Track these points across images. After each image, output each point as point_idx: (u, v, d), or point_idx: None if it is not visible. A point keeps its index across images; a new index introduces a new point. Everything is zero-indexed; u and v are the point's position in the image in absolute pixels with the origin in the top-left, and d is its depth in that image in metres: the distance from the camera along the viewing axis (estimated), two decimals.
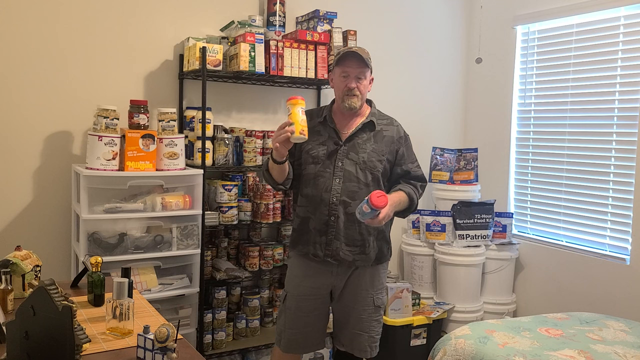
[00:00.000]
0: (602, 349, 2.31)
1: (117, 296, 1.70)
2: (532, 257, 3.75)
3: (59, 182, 2.93)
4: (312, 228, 2.33)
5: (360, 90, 2.31)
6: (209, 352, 3.01)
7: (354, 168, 2.31)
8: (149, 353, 1.49)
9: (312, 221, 2.33)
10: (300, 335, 2.40)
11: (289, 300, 2.41)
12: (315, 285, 2.37)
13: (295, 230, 2.42)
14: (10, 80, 2.80)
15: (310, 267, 2.37)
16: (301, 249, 2.37)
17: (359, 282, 2.38)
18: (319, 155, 2.33)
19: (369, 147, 2.34)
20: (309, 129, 2.19)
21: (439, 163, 3.88)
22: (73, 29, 2.92)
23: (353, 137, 2.35)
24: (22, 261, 1.97)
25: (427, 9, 4.03)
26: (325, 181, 2.31)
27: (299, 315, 2.39)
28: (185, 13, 3.18)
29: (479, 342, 2.40)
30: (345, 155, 2.32)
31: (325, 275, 2.36)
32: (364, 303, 2.39)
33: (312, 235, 2.33)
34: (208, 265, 3.05)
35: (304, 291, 2.38)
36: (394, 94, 3.94)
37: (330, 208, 2.30)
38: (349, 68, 2.29)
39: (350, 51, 2.30)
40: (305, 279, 2.38)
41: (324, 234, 2.31)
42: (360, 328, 2.40)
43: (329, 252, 2.31)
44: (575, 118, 3.51)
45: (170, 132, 2.81)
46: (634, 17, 3.18)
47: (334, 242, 2.31)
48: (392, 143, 2.39)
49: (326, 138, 2.36)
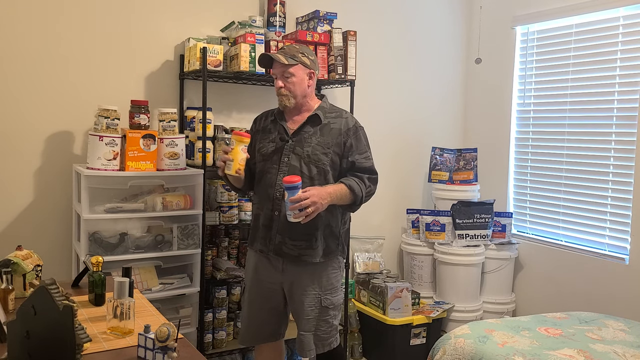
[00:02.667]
0: (602, 348, 2.31)
1: (117, 296, 1.70)
2: (531, 257, 3.76)
3: (59, 182, 2.94)
4: (261, 224, 2.36)
5: (289, 89, 2.31)
6: (209, 351, 3.02)
7: (298, 162, 2.30)
8: (150, 352, 1.50)
9: (261, 217, 2.36)
10: (252, 328, 2.46)
11: (246, 293, 2.50)
12: (264, 279, 2.40)
13: (250, 227, 2.47)
14: (11, 80, 2.81)
15: (262, 262, 2.40)
16: (255, 246, 2.40)
17: (306, 281, 2.35)
18: (267, 151, 2.36)
19: (314, 140, 2.32)
20: (262, 129, 2.38)
21: (438, 163, 3.89)
22: (74, 29, 2.92)
23: (299, 131, 2.34)
24: (23, 261, 1.98)
25: (427, 9, 4.04)
26: (271, 177, 2.32)
27: (252, 309, 2.45)
28: (186, 13, 3.19)
29: (478, 342, 2.40)
30: (291, 150, 2.33)
31: (273, 272, 2.38)
32: (311, 303, 2.34)
33: (260, 231, 2.37)
34: (208, 264, 3.06)
35: (256, 285, 2.43)
36: (394, 94, 3.95)
37: (274, 203, 2.30)
38: (273, 70, 2.35)
39: (261, 55, 2.36)
40: (256, 274, 2.43)
41: (270, 229, 2.33)
42: (308, 328, 2.35)
43: (272, 246, 2.33)
44: (575, 118, 3.51)
45: (171, 132, 2.82)
46: (633, 18, 3.19)
47: (277, 237, 2.31)
48: (339, 135, 2.33)
49: (275, 135, 2.38)
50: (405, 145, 4.02)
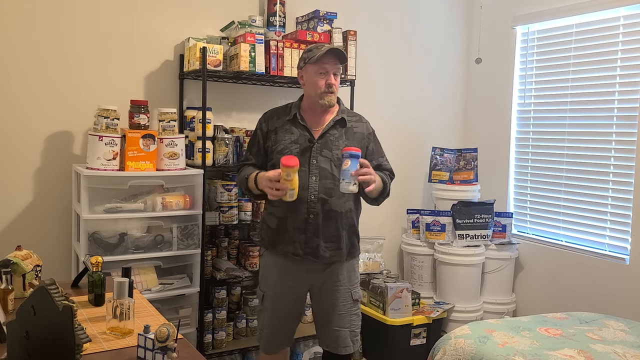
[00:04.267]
0: (602, 348, 2.31)
1: (117, 296, 1.70)
2: (531, 257, 3.76)
3: (59, 182, 2.93)
4: (290, 227, 2.31)
5: (337, 87, 2.33)
6: (209, 351, 3.02)
7: (328, 165, 2.30)
8: (150, 353, 1.49)
9: (291, 220, 2.31)
10: (276, 334, 2.41)
11: (267, 300, 2.39)
12: (292, 284, 2.37)
13: (272, 229, 2.37)
14: (11, 80, 2.81)
15: (287, 266, 2.36)
16: (281, 249, 2.35)
17: (336, 278, 2.38)
18: (292, 154, 2.30)
19: (341, 143, 2.33)
20: (278, 129, 2.33)
21: (438, 163, 3.89)
22: (73, 29, 2.92)
23: (325, 134, 2.34)
24: (23, 261, 1.98)
25: (427, 9, 4.04)
26: (302, 179, 2.27)
27: (275, 315, 2.39)
28: (186, 13, 3.19)
29: (478, 342, 2.40)
30: (318, 152, 2.31)
31: (301, 274, 2.36)
32: (343, 298, 2.39)
33: (291, 234, 2.32)
34: (208, 265, 3.06)
35: (281, 290, 2.37)
36: (394, 94, 3.95)
37: (308, 206, 2.29)
38: (326, 65, 2.29)
39: (333, 49, 2.30)
40: (282, 279, 2.37)
41: (303, 232, 2.30)
42: (342, 324, 2.39)
43: (309, 250, 2.31)
44: (575, 118, 3.51)
45: (171, 132, 2.82)
46: (634, 18, 3.18)
47: (314, 240, 2.30)
48: (363, 139, 2.40)
49: (298, 136, 2.33)
50: (406, 145, 4.01)
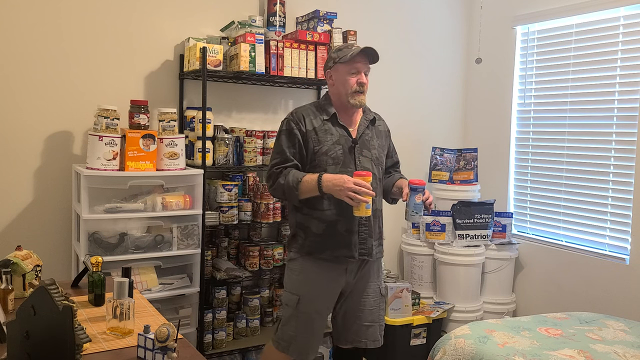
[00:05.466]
0: (602, 348, 2.31)
1: (117, 296, 1.70)
2: (531, 257, 3.76)
3: (59, 182, 2.93)
4: (343, 230, 2.28)
5: (367, 86, 2.34)
6: (209, 351, 3.02)
7: (370, 165, 2.34)
8: (150, 353, 1.49)
9: (342, 223, 2.28)
10: (313, 339, 2.36)
11: (304, 304, 2.31)
12: (331, 287, 2.36)
13: (318, 234, 2.29)
14: (11, 80, 2.81)
15: (326, 268, 2.32)
16: (330, 253, 2.29)
17: (369, 274, 2.42)
18: (337, 155, 2.29)
19: (375, 143, 2.39)
20: (317, 129, 2.30)
21: (438, 163, 3.89)
22: (73, 29, 2.92)
23: (361, 133, 2.37)
24: (23, 261, 1.98)
25: (427, 9, 4.04)
26: None
27: (314, 319, 2.34)
28: (186, 13, 3.19)
29: (478, 342, 2.40)
30: (360, 152, 2.33)
31: (341, 275, 2.35)
32: (374, 294, 2.44)
33: (343, 237, 2.29)
34: (208, 265, 3.06)
35: (322, 293, 2.34)
36: (394, 94, 3.95)
37: None
38: (359, 64, 2.29)
39: (367, 47, 2.28)
40: (322, 282, 2.33)
41: (356, 233, 2.30)
42: (372, 319, 2.43)
43: (364, 250, 2.32)
44: (575, 118, 3.51)
45: (171, 132, 2.82)
46: (634, 17, 3.18)
47: (368, 240, 2.33)
48: (386, 137, 2.51)
49: (338, 137, 2.32)
50: (406, 145, 4.00)
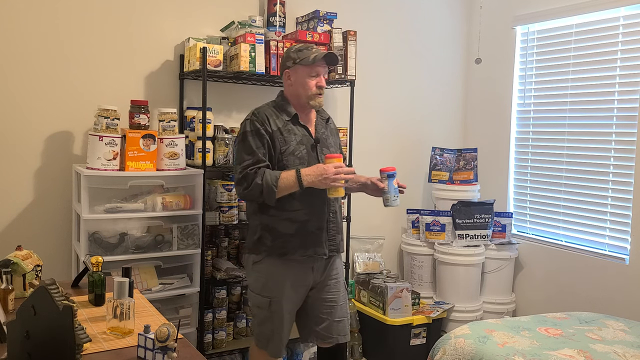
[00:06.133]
0: (602, 348, 2.31)
1: (117, 296, 1.70)
2: (531, 257, 3.76)
3: (59, 182, 2.94)
4: (314, 229, 2.31)
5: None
6: (209, 351, 3.02)
7: None
8: (150, 352, 1.50)
9: (313, 222, 2.31)
10: (285, 338, 2.41)
11: (275, 305, 2.33)
12: (301, 285, 2.38)
13: (289, 235, 2.30)
14: (11, 80, 2.81)
15: (293, 268, 2.33)
16: (302, 252, 2.31)
17: (336, 271, 2.45)
18: (302, 155, 2.32)
19: (331, 141, 2.45)
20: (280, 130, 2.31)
21: (438, 163, 3.89)
22: (74, 29, 2.92)
23: (318, 132, 2.41)
24: (23, 261, 1.98)
25: (427, 9, 4.04)
26: None
27: (286, 319, 2.38)
28: (186, 13, 3.19)
29: (478, 342, 2.40)
30: (321, 151, 2.37)
31: (308, 274, 2.37)
32: (341, 290, 2.47)
33: (315, 236, 2.31)
34: (208, 264, 3.06)
35: (291, 293, 2.36)
36: (394, 94, 3.95)
37: (329, 205, 2.35)
38: (319, 68, 2.33)
39: (331, 55, 2.33)
40: (291, 281, 2.34)
41: (326, 230, 2.34)
42: (342, 314, 2.46)
43: (334, 247, 2.38)
44: (575, 118, 3.51)
45: (171, 132, 2.82)
46: (634, 18, 3.18)
47: (337, 237, 2.38)
48: (337, 134, 2.57)
49: (301, 137, 2.35)
50: (405, 145, 4.02)
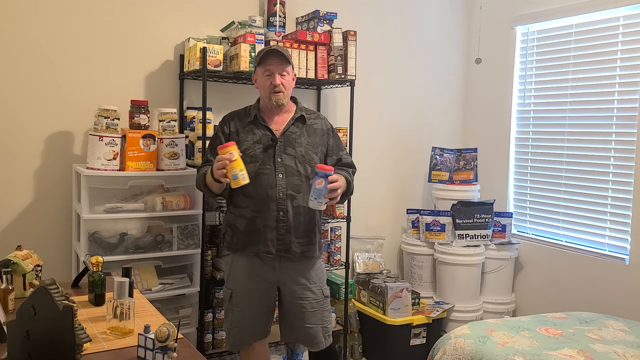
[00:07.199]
0: (602, 348, 2.32)
1: (117, 296, 1.71)
2: (531, 257, 3.76)
3: (59, 182, 2.93)
4: (261, 226, 2.33)
5: (285, 86, 2.37)
6: (209, 351, 3.02)
7: (293, 162, 2.35)
8: (150, 352, 1.50)
9: (261, 219, 2.33)
10: (245, 332, 2.42)
11: (235, 298, 2.40)
12: (260, 280, 2.38)
13: (241, 231, 2.37)
14: (11, 80, 2.81)
15: (255, 263, 2.36)
16: (252, 249, 2.35)
17: (308, 275, 2.41)
18: (256, 154, 2.34)
19: (304, 141, 2.40)
20: (239, 130, 2.36)
21: (438, 163, 3.89)
22: (74, 29, 2.92)
23: (286, 132, 2.39)
24: (23, 261, 1.98)
25: (427, 9, 4.04)
26: (268, 178, 2.32)
27: (245, 313, 2.39)
28: (186, 13, 3.19)
29: (478, 342, 2.40)
30: (282, 150, 2.36)
31: (269, 271, 2.37)
32: (315, 296, 2.42)
33: (262, 234, 2.33)
34: (208, 264, 3.05)
35: (251, 288, 2.39)
36: (394, 94, 3.95)
37: (278, 203, 2.32)
38: (270, 66, 2.34)
39: (271, 49, 2.35)
40: (251, 277, 2.38)
41: (274, 229, 2.33)
42: (314, 321, 2.42)
43: (282, 247, 2.34)
44: (575, 118, 3.51)
45: (171, 132, 2.82)
46: (634, 18, 3.18)
47: (286, 237, 2.33)
48: (323, 135, 2.47)
49: (260, 136, 2.37)
50: (405, 145, 4.01)
